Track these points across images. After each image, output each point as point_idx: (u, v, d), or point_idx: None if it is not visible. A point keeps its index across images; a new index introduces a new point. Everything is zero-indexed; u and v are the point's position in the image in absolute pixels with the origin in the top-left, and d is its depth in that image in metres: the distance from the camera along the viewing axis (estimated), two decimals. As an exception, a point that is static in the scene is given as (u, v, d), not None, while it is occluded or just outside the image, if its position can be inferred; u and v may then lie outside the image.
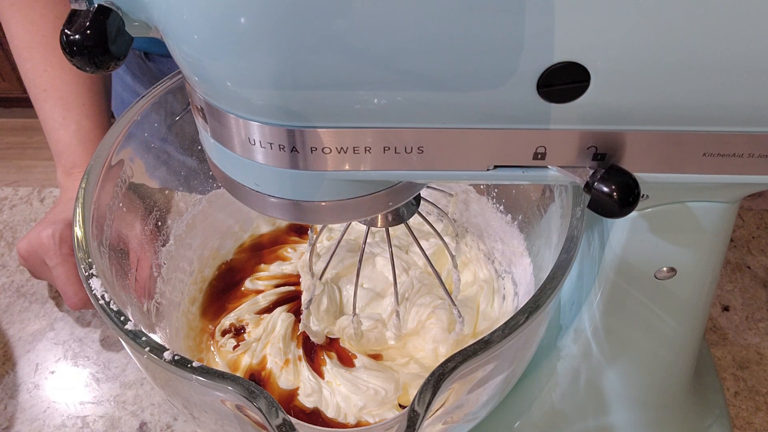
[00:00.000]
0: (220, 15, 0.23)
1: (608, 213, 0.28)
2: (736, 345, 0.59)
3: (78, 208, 0.39)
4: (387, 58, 0.24)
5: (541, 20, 0.23)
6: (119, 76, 0.83)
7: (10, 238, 0.68)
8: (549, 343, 0.46)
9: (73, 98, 0.63)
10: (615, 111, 0.26)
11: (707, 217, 0.35)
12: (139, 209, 0.48)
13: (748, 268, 0.65)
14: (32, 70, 0.63)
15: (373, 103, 0.25)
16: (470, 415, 0.41)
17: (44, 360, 0.58)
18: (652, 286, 0.39)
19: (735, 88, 0.25)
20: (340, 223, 0.55)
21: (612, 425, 0.47)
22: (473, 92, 0.25)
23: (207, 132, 0.29)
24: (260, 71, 0.24)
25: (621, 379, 0.45)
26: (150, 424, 0.54)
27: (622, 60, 0.24)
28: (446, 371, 0.30)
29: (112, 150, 0.42)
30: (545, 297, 0.33)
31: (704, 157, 0.28)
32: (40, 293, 0.64)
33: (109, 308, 0.35)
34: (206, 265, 0.57)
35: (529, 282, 0.48)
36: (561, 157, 0.28)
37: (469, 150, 0.28)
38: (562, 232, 0.37)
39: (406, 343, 0.52)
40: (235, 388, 0.30)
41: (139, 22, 0.25)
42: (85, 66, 0.24)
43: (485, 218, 0.56)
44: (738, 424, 0.53)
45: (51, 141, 0.63)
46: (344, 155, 0.27)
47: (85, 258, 0.37)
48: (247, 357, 0.52)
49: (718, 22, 0.23)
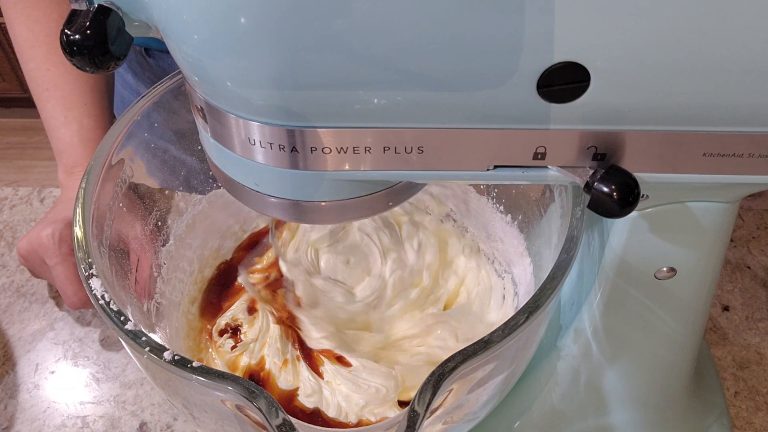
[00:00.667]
0: (220, 15, 0.23)
1: (608, 213, 0.28)
2: (736, 345, 0.59)
3: (78, 208, 0.39)
4: (387, 58, 0.24)
5: (541, 20, 0.23)
6: (120, 75, 0.82)
7: (10, 238, 0.68)
8: (549, 343, 0.46)
9: (75, 97, 0.63)
10: (615, 111, 0.26)
11: (707, 217, 0.35)
12: (139, 209, 0.48)
13: (748, 268, 0.65)
14: (35, 69, 0.63)
15: (373, 103, 0.25)
16: (470, 415, 0.41)
17: (44, 360, 0.58)
18: (652, 286, 0.39)
19: (735, 88, 0.25)
20: (337, 223, 0.55)
21: (612, 425, 0.47)
22: (473, 92, 0.25)
23: (207, 132, 0.29)
24: (260, 71, 0.24)
25: (621, 379, 0.45)
26: (150, 424, 0.54)
27: (622, 60, 0.24)
28: (446, 371, 0.30)
29: (113, 150, 0.42)
30: (545, 297, 0.33)
31: (704, 157, 0.28)
32: (40, 293, 0.64)
33: (109, 308, 0.35)
34: (206, 265, 0.57)
35: (529, 282, 0.48)
36: (561, 157, 0.28)
37: (469, 150, 0.28)
38: (562, 232, 0.37)
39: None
40: (235, 388, 0.30)
41: (139, 22, 0.25)
42: (85, 66, 0.24)
43: (485, 218, 0.56)
44: (738, 424, 0.53)
45: (52, 140, 0.63)
46: (344, 155, 0.27)
47: (85, 258, 0.37)
48: (246, 357, 0.52)
49: (718, 22, 0.23)
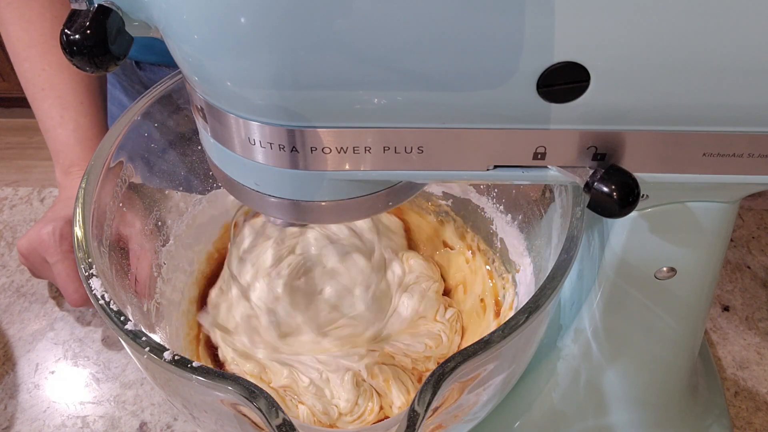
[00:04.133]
0: (220, 15, 0.23)
1: (608, 213, 0.28)
2: (736, 345, 0.59)
3: (78, 207, 0.39)
4: (387, 58, 0.24)
5: (540, 20, 0.23)
6: (111, 95, 0.81)
7: (10, 238, 0.68)
8: (549, 343, 0.46)
9: (71, 97, 0.62)
10: (615, 111, 0.26)
11: (707, 217, 0.35)
12: (139, 209, 0.48)
13: (748, 268, 0.65)
14: (30, 69, 0.63)
15: (373, 103, 0.25)
16: (470, 415, 0.41)
17: (44, 360, 0.58)
18: (652, 286, 0.39)
19: (735, 88, 0.25)
20: (338, 223, 0.55)
21: (612, 425, 0.47)
22: (473, 92, 0.25)
23: (207, 132, 0.29)
24: (260, 71, 0.24)
25: (621, 379, 0.45)
26: (150, 424, 0.54)
27: (622, 60, 0.24)
28: (446, 371, 0.30)
29: (112, 150, 0.42)
30: (545, 297, 0.33)
31: (704, 157, 0.28)
32: (40, 293, 0.63)
33: (109, 308, 0.35)
34: (206, 265, 0.57)
35: (529, 282, 0.48)
36: (561, 157, 0.28)
37: (469, 150, 0.28)
38: (562, 232, 0.37)
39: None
40: (235, 388, 0.30)
41: (139, 22, 0.25)
42: (85, 66, 0.24)
43: (485, 218, 0.56)
44: (738, 424, 0.53)
45: (49, 140, 0.63)
46: (344, 155, 0.27)
47: (85, 258, 0.37)
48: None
49: (718, 22, 0.23)
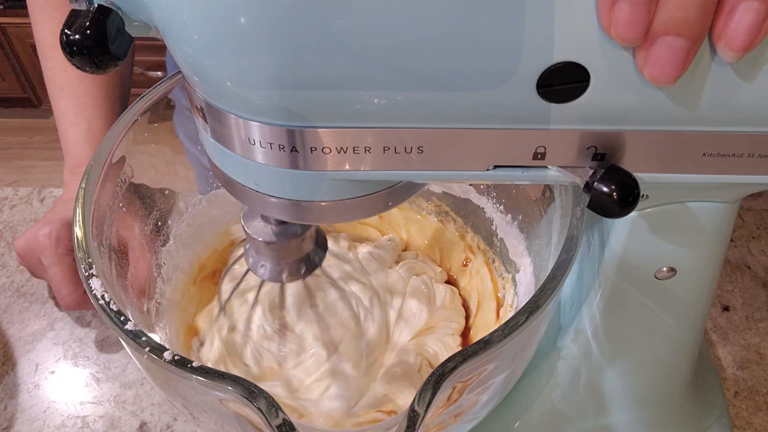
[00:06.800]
0: (221, 15, 0.23)
1: (608, 213, 0.28)
2: (736, 345, 0.59)
3: (78, 208, 0.39)
4: (387, 58, 0.24)
5: (540, 20, 0.23)
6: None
7: (10, 238, 0.68)
8: (549, 343, 0.46)
9: (87, 98, 0.64)
10: (615, 111, 0.26)
11: (707, 217, 0.35)
12: (139, 209, 0.48)
13: (748, 268, 0.65)
14: (53, 68, 0.64)
15: (373, 103, 0.25)
16: (470, 415, 0.41)
17: (44, 360, 0.58)
18: (652, 286, 0.39)
19: (735, 88, 0.25)
20: (337, 223, 0.55)
21: (612, 425, 0.47)
22: (473, 92, 0.25)
23: (207, 132, 0.29)
24: (260, 71, 0.24)
25: (621, 379, 0.45)
26: (150, 424, 0.54)
27: (622, 60, 0.24)
28: (446, 371, 0.30)
29: (113, 150, 0.42)
30: (545, 297, 0.33)
31: (704, 157, 0.28)
32: (40, 293, 0.63)
33: (109, 308, 0.35)
34: (206, 265, 0.57)
35: (529, 282, 0.48)
36: (561, 157, 0.28)
37: (469, 150, 0.28)
38: (562, 232, 0.37)
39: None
40: (235, 388, 0.30)
41: (139, 22, 0.25)
42: (84, 66, 0.24)
43: (485, 218, 0.56)
44: (738, 424, 0.53)
45: (62, 139, 0.64)
46: (344, 155, 0.27)
47: (85, 258, 0.37)
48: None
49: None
